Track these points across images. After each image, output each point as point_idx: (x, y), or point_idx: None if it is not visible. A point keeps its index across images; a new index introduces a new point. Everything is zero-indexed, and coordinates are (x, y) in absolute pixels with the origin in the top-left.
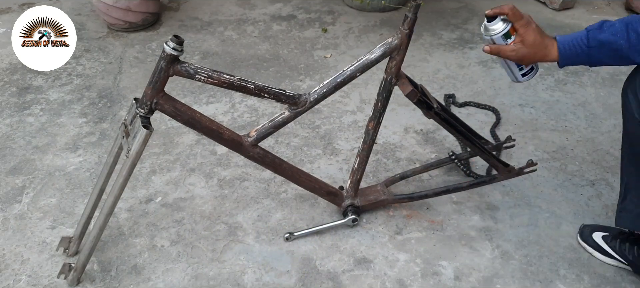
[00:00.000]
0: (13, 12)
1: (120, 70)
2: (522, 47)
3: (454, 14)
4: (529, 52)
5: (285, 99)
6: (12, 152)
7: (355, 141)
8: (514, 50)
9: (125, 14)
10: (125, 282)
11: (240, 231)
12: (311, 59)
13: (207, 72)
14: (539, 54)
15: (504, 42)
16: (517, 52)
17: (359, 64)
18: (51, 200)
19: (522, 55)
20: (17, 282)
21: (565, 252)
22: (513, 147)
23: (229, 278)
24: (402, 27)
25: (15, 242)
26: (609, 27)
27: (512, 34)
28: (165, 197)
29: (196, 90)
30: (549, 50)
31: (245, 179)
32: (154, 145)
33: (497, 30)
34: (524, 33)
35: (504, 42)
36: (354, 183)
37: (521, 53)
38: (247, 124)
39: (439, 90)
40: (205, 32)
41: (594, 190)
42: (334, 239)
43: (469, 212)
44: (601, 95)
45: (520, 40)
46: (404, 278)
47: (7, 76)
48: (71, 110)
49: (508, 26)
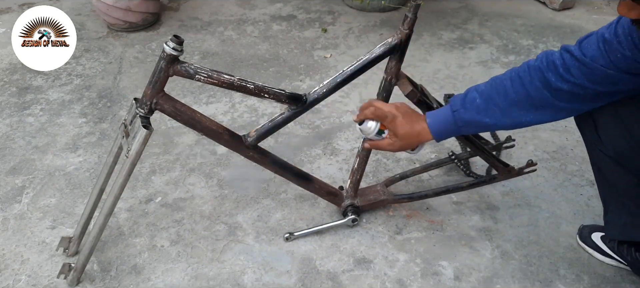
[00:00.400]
0: (13, 12)
1: (120, 70)
2: (396, 140)
3: (454, 14)
4: (404, 142)
5: (285, 99)
6: (12, 152)
7: (355, 141)
8: (390, 143)
9: (125, 14)
10: (125, 282)
11: (240, 231)
12: (311, 59)
13: (207, 72)
14: (414, 141)
15: (380, 138)
16: (393, 144)
17: (359, 64)
18: (51, 200)
19: (399, 146)
20: (17, 282)
21: (565, 252)
22: (513, 147)
23: (229, 278)
24: (402, 27)
25: (15, 242)
26: (471, 102)
27: (383, 130)
28: (165, 197)
29: (196, 90)
30: (423, 136)
31: (245, 179)
32: (154, 145)
33: (369, 130)
34: (393, 128)
35: (380, 138)
36: (354, 184)
37: (397, 145)
38: (247, 124)
39: (439, 90)
40: (205, 32)
41: (594, 190)
42: (333, 239)
43: (469, 212)
44: None
45: (392, 134)
46: (404, 278)
47: (7, 76)
48: (71, 110)
49: (378, 124)
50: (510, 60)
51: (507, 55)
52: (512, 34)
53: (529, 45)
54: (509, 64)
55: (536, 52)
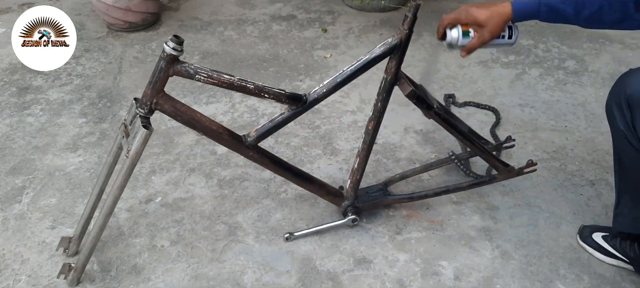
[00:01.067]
0: (13, 12)
1: (120, 70)
2: (482, 29)
3: None
4: (490, 26)
5: (285, 99)
6: (12, 152)
7: (355, 141)
8: (480, 36)
9: (125, 14)
10: (125, 282)
11: (240, 231)
12: (311, 59)
13: (207, 72)
14: (497, 20)
15: (468, 39)
16: (483, 35)
17: (359, 64)
18: (51, 200)
19: (489, 34)
20: (17, 282)
21: (565, 252)
22: (513, 147)
23: (229, 278)
24: (402, 27)
25: (15, 242)
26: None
27: (467, 30)
28: (165, 197)
29: (196, 90)
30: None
31: (245, 179)
32: (154, 145)
33: (454, 37)
34: (472, 20)
35: (469, 39)
36: (354, 184)
37: (486, 34)
38: (247, 124)
39: (439, 90)
40: (205, 32)
41: (594, 190)
42: (333, 239)
43: (469, 212)
44: (601, 95)
45: (476, 27)
46: (404, 278)
47: (7, 76)
48: (71, 110)
49: (459, 28)
50: (510, 60)
51: (507, 55)
52: None
53: (529, 45)
54: (509, 64)
55: (536, 52)
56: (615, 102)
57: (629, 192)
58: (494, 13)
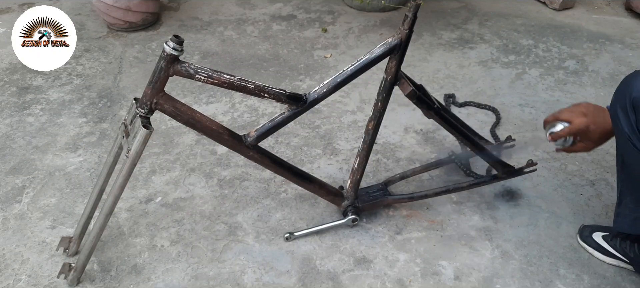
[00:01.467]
0: (13, 12)
1: (120, 70)
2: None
3: (454, 14)
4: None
5: (285, 99)
6: (12, 152)
7: (355, 141)
8: (585, 147)
9: (125, 14)
10: (125, 282)
11: (240, 231)
12: (311, 59)
13: (207, 72)
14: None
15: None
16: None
17: (359, 64)
18: (51, 200)
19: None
20: (17, 281)
21: (565, 252)
22: (513, 147)
23: (229, 278)
24: (402, 26)
25: (15, 242)
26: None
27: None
28: (165, 197)
29: (196, 90)
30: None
31: (245, 179)
32: (154, 145)
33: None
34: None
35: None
36: (354, 183)
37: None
38: (247, 124)
39: (439, 90)
40: (205, 32)
41: (594, 190)
42: (334, 239)
43: (469, 212)
44: (601, 95)
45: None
46: (404, 278)
47: (7, 76)
48: (71, 110)
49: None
50: (510, 60)
51: (507, 55)
52: (512, 34)
53: (529, 45)
54: (509, 64)
55: (536, 52)
56: (620, 104)
57: (631, 193)
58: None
